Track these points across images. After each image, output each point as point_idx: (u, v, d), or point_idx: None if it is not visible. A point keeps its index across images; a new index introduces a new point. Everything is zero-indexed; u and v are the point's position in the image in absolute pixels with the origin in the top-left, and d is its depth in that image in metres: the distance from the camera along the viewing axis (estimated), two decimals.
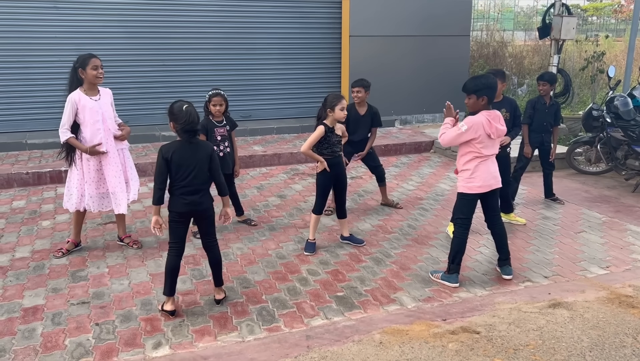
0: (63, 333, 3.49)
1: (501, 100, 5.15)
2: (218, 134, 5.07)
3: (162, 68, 8.91)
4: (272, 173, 7.43)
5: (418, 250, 4.87)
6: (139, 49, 8.69)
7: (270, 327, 3.59)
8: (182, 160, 3.63)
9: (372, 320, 3.65)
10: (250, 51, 9.39)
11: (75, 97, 4.40)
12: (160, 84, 8.93)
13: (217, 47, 9.19)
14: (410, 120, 10.24)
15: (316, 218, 4.84)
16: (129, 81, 8.62)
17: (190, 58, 9.06)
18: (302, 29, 9.65)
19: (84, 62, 4.35)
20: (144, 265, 4.51)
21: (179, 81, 9.03)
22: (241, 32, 9.28)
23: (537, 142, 5.93)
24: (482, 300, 3.94)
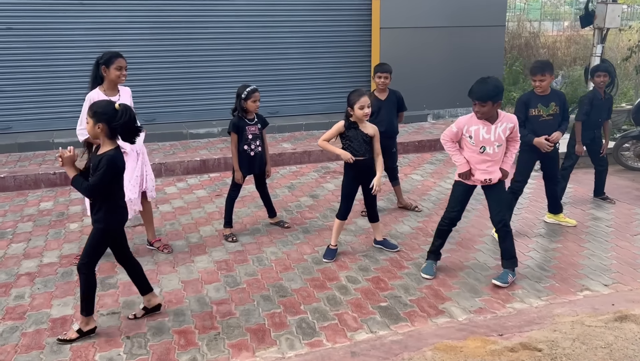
0: (93, 347, 3.30)
1: (549, 93, 4.80)
2: (250, 132, 4.83)
3: (188, 65, 8.71)
4: (303, 172, 7.18)
5: (463, 255, 4.57)
6: (165, 46, 8.51)
7: (311, 341, 3.34)
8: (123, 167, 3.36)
9: (421, 334, 3.38)
10: (276, 45, 9.14)
11: (93, 96, 4.20)
12: (186, 81, 8.75)
13: (243, 42, 8.96)
14: (443, 114, 9.89)
15: (339, 223, 4.54)
16: (155, 79, 8.45)
17: (216, 54, 8.85)
18: (330, 21, 9.36)
19: (109, 60, 4.15)
20: (175, 271, 4.30)
21: (205, 78, 8.84)
22: (267, 25, 9.03)
23: (588, 139, 5.56)
24: (539, 312, 3.63)
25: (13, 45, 7.84)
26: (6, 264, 4.44)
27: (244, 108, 4.77)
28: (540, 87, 4.70)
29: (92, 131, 3.22)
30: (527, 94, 4.89)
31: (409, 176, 6.92)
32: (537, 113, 4.77)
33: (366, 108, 4.23)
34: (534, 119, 4.77)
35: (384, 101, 5.40)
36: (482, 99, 3.81)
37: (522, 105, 4.83)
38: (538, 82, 4.70)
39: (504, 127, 3.95)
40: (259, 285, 4.06)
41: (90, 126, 3.20)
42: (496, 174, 4.03)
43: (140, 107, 4.21)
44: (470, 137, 3.95)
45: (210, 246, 4.78)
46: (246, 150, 4.82)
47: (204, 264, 4.43)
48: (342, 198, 4.53)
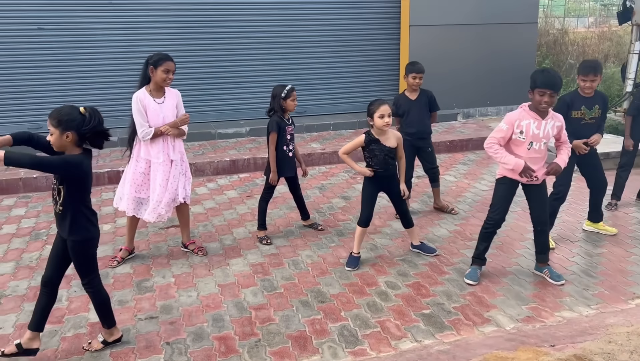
0: (133, 353, 3.24)
1: (593, 95, 4.57)
2: (288, 133, 4.75)
3: (216, 65, 8.69)
4: (333, 172, 7.09)
5: (505, 260, 4.44)
6: (192, 46, 8.49)
7: (354, 350, 3.24)
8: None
9: (469, 344, 3.26)
10: (304, 44, 9.06)
11: (140, 96, 4.16)
12: (213, 81, 8.73)
13: (270, 41, 8.89)
14: (473, 113, 9.72)
15: (361, 230, 4.38)
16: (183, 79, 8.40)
17: (244, 53, 8.80)
18: (359, 19, 9.25)
19: (157, 61, 4.09)
20: (211, 274, 4.24)
21: (233, 77, 8.81)
22: (295, 24, 8.96)
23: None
24: (590, 321, 3.49)
25: (43, 45, 7.87)
26: (42, 266, 4.40)
27: (283, 107, 4.68)
28: (590, 88, 4.46)
29: (58, 142, 2.93)
30: (571, 94, 4.66)
31: (442, 177, 6.74)
32: (579, 116, 4.54)
33: (386, 117, 4.07)
34: (575, 122, 4.52)
35: (415, 101, 5.29)
36: (555, 88, 3.67)
37: (565, 105, 4.57)
38: (589, 82, 4.45)
39: (553, 125, 3.83)
40: (296, 290, 3.98)
41: (56, 137, 2.92)
42: (540, 171, 3.90)
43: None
44: (522, 132, 3.82)
45: (245, 249, 4.71)
46: (285, 151, 4.74)
47: (240, 267, 4.36)
48: (362, 204, 4.38)
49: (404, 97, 5.32)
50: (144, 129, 4.15)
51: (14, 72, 7.80)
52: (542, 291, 3.92)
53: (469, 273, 4.09)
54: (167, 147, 4.27)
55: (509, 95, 9.78)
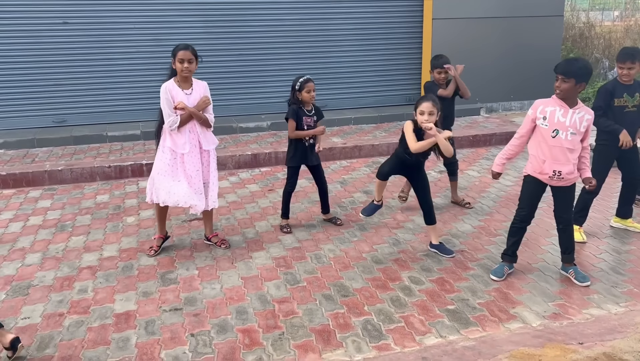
0: (158, 344, 3.27)
1: (633, 83, 4.51)
2: (306, 123, 4.74)
3: (237, 57, 8.69)
4: (354, 167, 7.06)
5: (530, 256, 4.38)
6: (215, 39, 8.50)
7: (378, 345, 3.23)
8: None
9: (495, 340, 3.22)
10: (324, 38, 9.02)
11: (168, 86, 4.19)
12: (235, 74, 8.73)
13: (292, 35, 8.86)
14: (496, 108, 9.60)
15: (379, 182, 4.50)
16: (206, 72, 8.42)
17: (265, 47, 8.78)
18: (381, 12, 9.15)
19: (174, 52, 4.15)
20: (234, 267, 4.25)
21: (254, 71, 8.80)
22: (315, 18, 8.91)
23: None
24: (619, 319, 3.42)
25: (69, 39, 7.95)
26: (68, 257, 4.48)
27: (299, 99, 4.68)
28: (628, 75, 4.42)
29: None
30: (612, 82, 4.59)
31: (465, 172, 6.71)
32: (622, 103, 4.49)
33: (426, 115, 4.03)
34: (617, 110, 4.49)
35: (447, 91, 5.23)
36: (566, 74, 3.61)
37: (607, 93, 4.52)
38: (627, 70, 4.41)
39: (582, 116, 3.71)
40: (319, 284, 3.97)
41: None
42: (567, 168, 3.75)
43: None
44: (545, 117, 3.74)
45: (267, 242, 4.72)
46: (302, 141, 4.74)
47: (262, 260, 4.37)
48: (385, 162, 4.51)
49: (437, 88, 5.22)
50: (171, 119, 4.16)
51: (40, 66, 7.90)
52: (569, 288, 3.86)
53: (495, 269, 4.05)
54: (194, 137, 4.27)
55: (533, 89, 9.61)
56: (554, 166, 3.76)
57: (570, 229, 4.01)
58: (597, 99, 4.61)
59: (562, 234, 4.03)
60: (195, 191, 4.31)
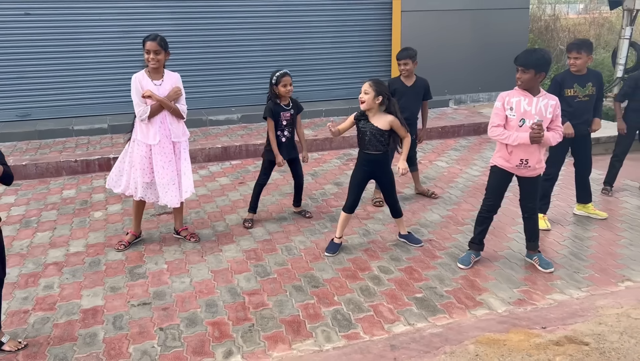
0: (126, 338, 3.24)
1: (586, 73, 4.63)
2: (284, 118, 4.73)
3: (207, 50, 8.61)
4: (325, 159, 7.08)
5: (496, 244, 4.46)
6: (184, 31, 8.40)
7: (348, 334, 3.26)
8: None
9: (461, 326, 3.29)
10: (295, 30, 9.00)
11: (138, 77, 4.14)
12: (205, 67, 8.65)
13: (263, 28, 8.82)
14: (465, 99, 9.72)
15: (345, 216, 4.35)
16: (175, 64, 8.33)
17: (236, 39, 8.73)
18: (350, 4, 9.18)
19: (143, 42, 4.08)
20: (204, 261, 4.23)
21: (224, 63, 8.74)
22: (286, 10, 8.89)
23: (639, 123, 5.39)
24: (581, 304, 3.52)
25: (32, 31, 7.75)
26: (33, 253, 4.40)
27: (276, 94, 4.66)
28: (574, 65, 4.54)
29: None
30: (562, 74, 4.72)
31: (434, 162, 6.79)
32: (573, 94, 4.60)
33: (362, 94, 4.12)
34: (569, 100, 4.60)
35: (410, 87, 5.27)
36: (526, 65, 3.68)
37: (557, 85, 4.65)
38: (573, 59, 4.54)
39: (546, 103, 3.77)
40: (289, 275, 3.99)
41: None
42: (534, 157, 3.82)
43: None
44: (511, 108, 3.79)
45: (238, 235, 4.70)
46: (278, 136, 4.74)
47: (233, 253, 4.36)
48: (350, 190, 4.35)
49: (400, 82, 5.29)
50: (141, 109, 4.11)
51: (1, 59, 7.69)
52: (534, 275, 3.95)
53: (462, 257, 4.12)
54: (165, 129, 4.23)
55: (501, 81, 9.76)
56: (521, 155, 3.83)
57: (535, 218, 4.10)
58: (548, 89, 4.71)
59: (527, 222, 4.12)
60: (167, 183, 4.27)
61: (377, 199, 5.32)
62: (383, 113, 4.17)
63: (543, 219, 4.71)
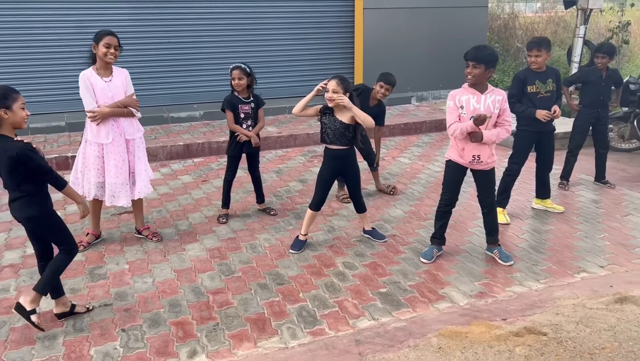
0: (87, 341, 3.17)
1: (545, 70, 4.76)
2: (242, 111, 4.72)
3: (168, 45, 8.47)
4: (289, 156, 7.07)
5: (458, 238, 4.55)
6: (144, 25, 8.24)
7: (313, 330, 3.27)
8: None
9: (425, 320, 3.34)
10: (258, 26, 8.94)
11: (87, 74, 4.04)
12: (165, 62, 8.51)
13: (225, 24, 8.74)
14: (426, 96, 9.85)
15: (311, 213, 4.35)
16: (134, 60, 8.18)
17: (197, 34, 8.61)
18: (313, 1, 9.17)
19: (99, 37, 4.00)
20: (167, 260, 4.18)
21: (186, 59, 8.62)
22: (249, 6, 8.82)
23: (594, 118, 5.56)
24: (539, 295, 3.62)
25: None
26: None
27: (232, 86, 4.72)
28: (535, 62, 4.66)
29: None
30: (523, 71, 4.85)
31: (397, 159, 6.87)
32: (535, 90, 4.72)
33: (331, 91, 4.04)
34: (532, 96, 4.72)
35: (371, 108, 5.20)
36: (476, 60, 3.76)
37: (519, 82, 4.77)
38: (533, 57, 4.65)
39: (493, 99, 3.87)
40: (254, 273, 3.97)
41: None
42: (485, 152, 3.92)
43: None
44: (462, 107, 3.87)
45: (201, 234, 4.66)
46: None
47: (196, 252, 4.31)
48: (317, 187, 4.35)
49: (367, 98, 5.19)
50: (92, 108, 4.03)
51: None
52: (494, 268, 4.04)
53: (424, 252, 4.18)
54: (118, 127, 4.14)
55: (461, 78, 9.86)
56: (473, 152, 3.91)
57: (493, 213, 4.19)
58: (511, 87, 4.86)
59: (486, 217, 4.20)
60: (122, 183, 4.19)
61: (344, 196, 5.34)
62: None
63: (503, 213, 4.82)
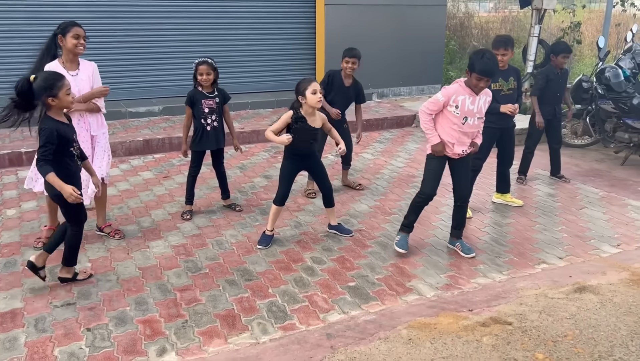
0: (50, 341, 3.07)
1: (507, 69, 4.89)
2: (206, 105, 4.65)
3: (126, 40, 8.26)
4: (253, 152, 7.02)
5: (423, 232, 4.62)
6: (101, 17, 8.00)
7: (284, 325, 3.26)
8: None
9: (394, 312, 3.38)
10: (218, 20, 8.82)
11: (52, 66, 3.91)
12: (124, 57, 8.30)
13: (186, 17, 8.58)
14: (387, 93, 9.95)
15: (276, 209, 4.32)
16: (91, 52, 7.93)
17: (156, 29, 8.43)
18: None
19: (65, 29, 3.87)
20: (131, 258, 4.08)
21: (144, 52, 8.43)
22: (210, 1, 8.69)
23: (550, 115, 5.71)
24: (503, 286, 3.73)
25: None
26: None
27: (197, 81, 4.64)
28: (502, 61, 4.75)
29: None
30: None
31: (360, 155, 6.92)
32: (498, 87, 4.83)
33: (319, 93, 4.04)
34: (495, 93, 4.77)
35: (347, 87, 5.31)
36: (492, 75, 3.84)
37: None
38: (500, 55, 4.73)
39: (484, 100, 3.98)
40: (222, 270, 3.93)
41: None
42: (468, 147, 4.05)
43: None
44: (457, 106, 3.89)
45: (165, 230, 4.57)
46: (202, 124, 4.66)
47: (161, 249, 4.23)
48: (280, 182, 4.31)
49: (339, 78, 5.28)
50: None
51: None
52: (458, 260, 4.13)
53: (399, 241, 4.18)
54: (84, 122, 4.03)
55: (420, 75, 10.12)
56: (462, 147, 4.00)
57: (466, 207, 4.26)
58: None
59: (459, 210, 4.24)
60: (86, 178, 4.07)
61: (310, 190, 5.35)
62: (317, 111, 4.19)
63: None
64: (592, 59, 12.07)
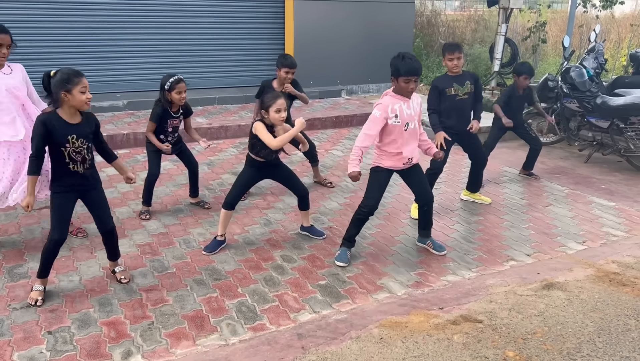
0: (9, 345, 2.94)
1: (462, 74, 4.85)
2: (170, 125, 4.55)
3: (89, 33, 8.02)
4: (220, 148, 6.91)
5: (393, 230, 4.62)
6: (64, 9, 7.75)
7: (254, 325, 3.20)
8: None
9: (365, 311, 3.36)
10: (185, 14, 8.66)
11: None
12: (87, 50, 8.06)
13: (151, 10, 8.39)
14: (356, 90, 9.94)
15: (225, 213, 4.13)
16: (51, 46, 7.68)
17: (121, 21, 8.22)
18: None
19: None
20: (94, 257, 3.96)
21: (108, 47, 8.21)
22: None
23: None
24: (472, 283, 3.75)
25: None
26: None
27: (168, 100, 4.43)
28: (457, 66, 4.71)
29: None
30: (439, 78, 4.91)
31: (330, 152, 6.89)
32: (453, 92, 4.79)
33: (282, 112, 3.88)
34: (451, 99, 4.78)
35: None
36: (418, 73, 3.79)
37: (436, 90, 4.81)
38: (456, 60, 4.70)
39: (418, 101, 3.95)
40: (189, 269, 3.84)
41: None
42: (415, 153, 3.98)
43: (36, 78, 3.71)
44: (397, 115, 3.80)
45: (130, 229, 4.45)
46: (162, 140, 4.55)
47: (126, 248, 4.11)
48: (234, 185, 4.17)
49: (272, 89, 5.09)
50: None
51: None
52: (428, 258, 4.14)
53: (339, 256, 4.03)
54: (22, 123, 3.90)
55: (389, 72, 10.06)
56: (409, 154, 3.92)
57: (432, 208, 4.22)
58: (429, 98, 4.84)
59: (426, 214, 4.20)
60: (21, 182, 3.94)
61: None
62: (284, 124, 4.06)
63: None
64: (556, 58, 12.31)
